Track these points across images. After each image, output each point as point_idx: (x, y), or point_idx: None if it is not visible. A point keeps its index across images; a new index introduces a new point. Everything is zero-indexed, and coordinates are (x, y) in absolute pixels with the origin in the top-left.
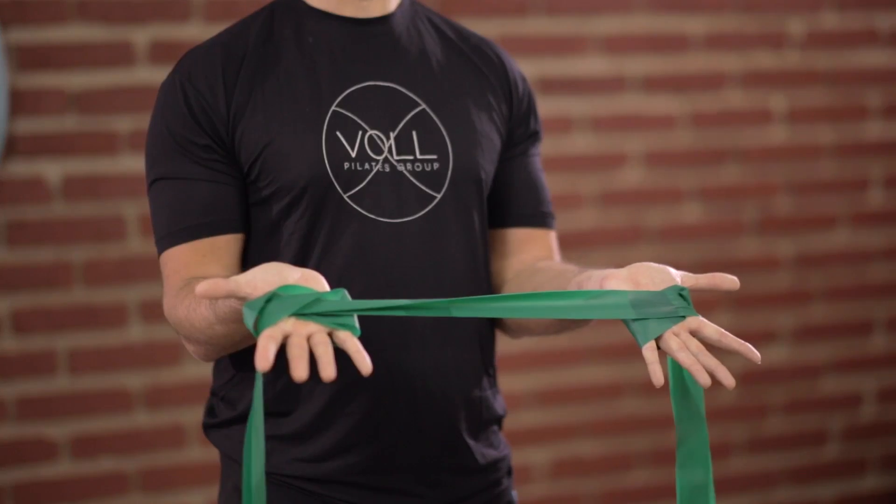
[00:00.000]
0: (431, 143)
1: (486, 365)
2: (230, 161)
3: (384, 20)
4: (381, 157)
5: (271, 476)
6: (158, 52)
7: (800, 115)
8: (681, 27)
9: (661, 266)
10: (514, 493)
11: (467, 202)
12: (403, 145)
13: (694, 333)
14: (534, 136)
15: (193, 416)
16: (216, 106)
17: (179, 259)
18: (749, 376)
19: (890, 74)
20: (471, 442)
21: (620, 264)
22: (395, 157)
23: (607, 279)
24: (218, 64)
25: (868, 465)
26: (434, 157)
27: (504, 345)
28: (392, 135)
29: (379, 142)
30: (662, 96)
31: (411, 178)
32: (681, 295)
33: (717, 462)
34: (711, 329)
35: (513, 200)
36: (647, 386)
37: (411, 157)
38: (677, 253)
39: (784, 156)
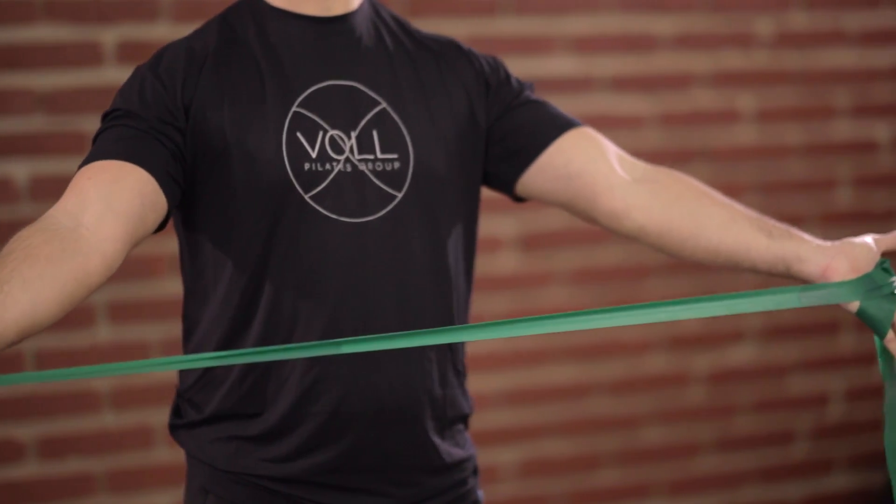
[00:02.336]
0: (392, 141)
1: (453, 362)
2: (170, 137)
3: (345, 18)
4: (342, 157)
5: (239, 476)
6: (126, 52)
7: (768, 115)
8: (649, 27)
9: (862, 241)
10: (481, 493)
11: (430, 201)
12: (364, 144)
13: None
14: (524, 88)
15: (161, 416)
16: (173, 100)
17: (85, 171)
18: (717, 376)
19: (858, 74)
20: (436, 440)
21: (589, 265)
22: (357, 157)
23: (831, 271)
24: (180, 65)
25: (835, 464)
26: (395, 156)
27: (472, 345)
28: (353, 134)
29: (340, 141)
30: (631, 96)
31: (372, 178)
32: (884, 269)
33: (685, 462)
34: None
35: (537, 128)
36: (615, 385)
37: (372, 157)
38: (647, 252)
39: (752, 155)
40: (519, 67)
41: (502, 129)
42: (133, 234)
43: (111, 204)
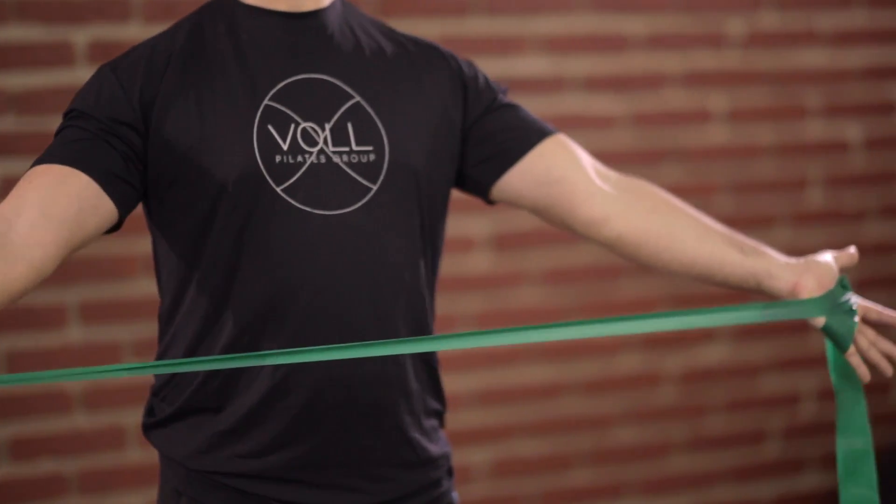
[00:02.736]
0: (367, 134)
1: (425, 358)
2: (122, 138)
3: (317, 14)
4: (315, 149)
5: (212, 476)
6: (98, 52)
7: (740, 115)
8: (621, 27)
9: (825, 261)
10: (455, 495)
11: (405, 194)
12: (339, 137)
13: (862, 320)
14: (500, 91)
15: (133, 417)
16: (130, 100)
17: (28, 175)
18: (689, 376)
19: (829, 74)
20: (410, 435)
21: (561, 265)
22: (331, 149)
23: (800, 288)
24: (142, 64)
25: (807, 464)
26: (370, 148)
27: None
28: (328, 126)
29: (314, 133)
30: (603, 96)
31: (347, 170)
32: (843, 285)
33: (658, 461)
34: (873, 312)
35: (517, 133)
36: (586, 385)
37: (347, 149)
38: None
39: (724, 155)
40: (491, 67)
41: (481, 132)
42: (69, 239)
43: (46, 210)
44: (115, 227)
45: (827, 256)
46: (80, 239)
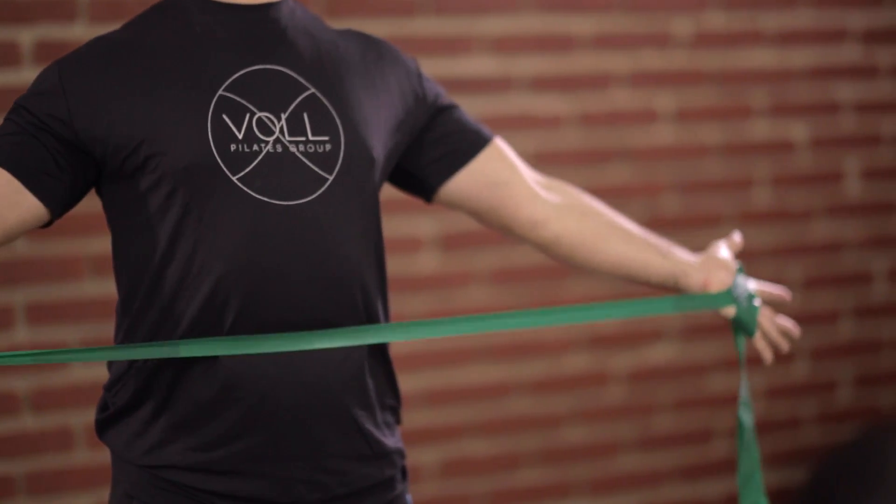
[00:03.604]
0: (323, 125)
1: (378, 350)
2: (55, 134)
3: (270, 8)
4: (271, 138)
5: (161, 473)
6: (44, 52)
7: (686, 115)
8: (568, 27)
9: (724, 255)
10: (409, 497)
11: (361, 183)
12: (295, 127)
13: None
14: (442, 93)
15: (81, 418)
16: (65, 98)
17: None
18: (637, 375)
19: (775, 74)
20: (364, 428)
21: (509, 264)
22: (288, 138)
23: (710, 284)
24: (85, 61)
25: None
26: (326, 138)
27: (393, 345)
28: (283, 116)
29: (269, 123)
30: (550, 96)
31: (303, 159)
32: (739, 271)
33: (606, 460)
34: (764, 293)
35: (465, 135)
36: (535, 385)
37: (303, 139)
38: None
39: (671, 155)
40: (438, 68)
41: (431, 134)
42: None
43: None
44: (49, 223)
45: (723, 250)
46: None
